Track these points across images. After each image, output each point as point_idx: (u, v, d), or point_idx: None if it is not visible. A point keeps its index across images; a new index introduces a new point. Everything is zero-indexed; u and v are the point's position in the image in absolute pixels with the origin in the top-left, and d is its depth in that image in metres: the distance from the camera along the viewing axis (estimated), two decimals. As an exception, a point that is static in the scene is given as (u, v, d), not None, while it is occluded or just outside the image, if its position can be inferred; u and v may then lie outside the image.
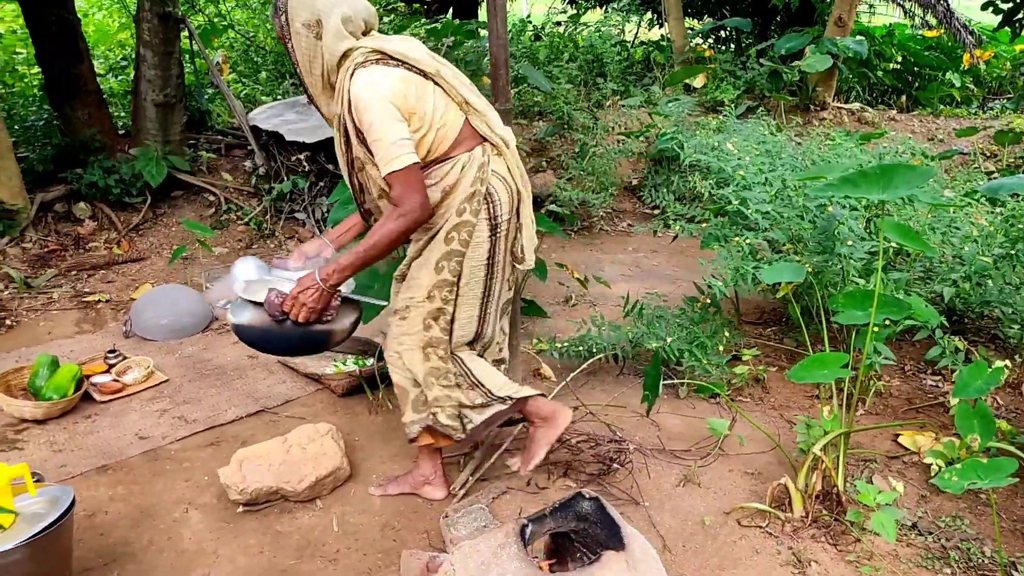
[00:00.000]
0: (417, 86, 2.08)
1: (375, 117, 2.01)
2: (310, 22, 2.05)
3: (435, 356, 2.30)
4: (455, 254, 2.21)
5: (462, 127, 2.17)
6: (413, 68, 2.09)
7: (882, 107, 8.09)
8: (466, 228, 2.19)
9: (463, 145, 2.18)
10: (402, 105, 2.04)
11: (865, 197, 2.49)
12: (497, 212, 2.23)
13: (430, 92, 2.11)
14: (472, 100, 2.18)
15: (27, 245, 4.67)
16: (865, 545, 2.32)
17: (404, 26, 8.22)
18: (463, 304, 2.28)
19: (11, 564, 1.85)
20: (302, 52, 2.09)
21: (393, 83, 2.04)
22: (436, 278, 2.22)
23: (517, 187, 2.30)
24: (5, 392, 3.05)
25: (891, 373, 3.38)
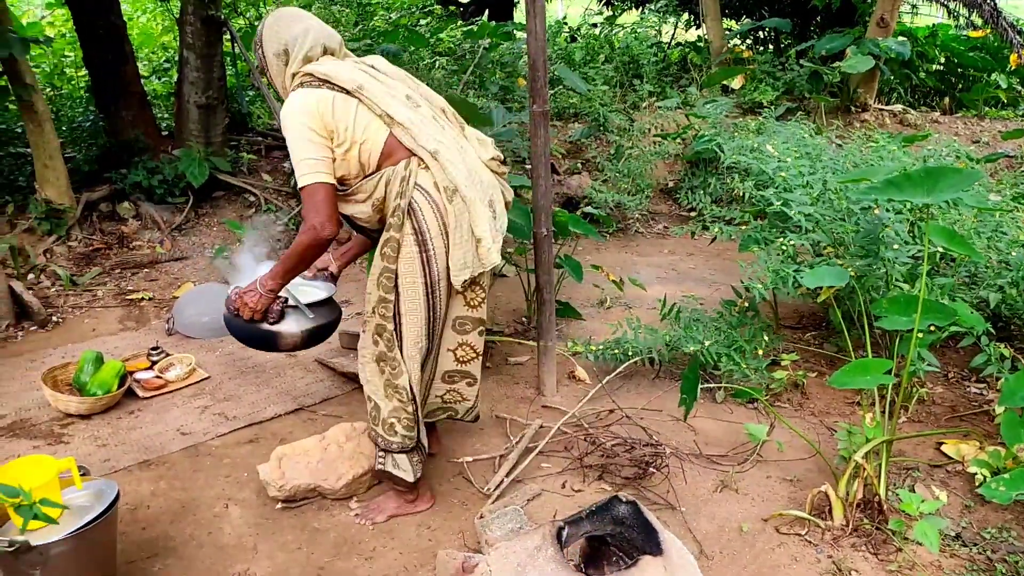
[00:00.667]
0: (338, 104, 2.16)
1: (290, 136, 2.15)
2: (279, 52, 2.25)
3: (388, 369, 2.30)
4: (387, 271, 2.22)
5: (387, 140, 2.20)
6: (336, 87, 2.17)
7: (925, 109, 7.93)
8: (390, 244, 2.21)
9: (391, 158, 2.21)
10: (318, 125, 2.13)
11: (909, 200, 2.44)
12: (423, 228, 2.19)
13: (352, 109, 2.18)
14: (394, 113, 2.18)
15: (73, 243, 4.78)
16: (907, 555, 2.27)
17: (440, 28, 8.27)
18: (407, 323, 2.25)
19: (58, 555, 1.89)
20: (276, 78, 2.30)
21: (309, 104, 2.14)
22: (378, 294, 2.25)
23: (444, 201, 2.21)
24: (52, 387, 3.13)
25: (934, 380, 3.31)
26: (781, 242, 2.96)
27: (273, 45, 2.24)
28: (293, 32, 2.23)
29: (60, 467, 2.04)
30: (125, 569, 2.25)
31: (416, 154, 2.21)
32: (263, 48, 2.27)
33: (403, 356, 2.28)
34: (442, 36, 8.12)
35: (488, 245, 2.24)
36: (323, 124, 2.14)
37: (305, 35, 2.23)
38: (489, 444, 2.91)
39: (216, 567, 2.27)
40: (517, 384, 3.37)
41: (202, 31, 5.08)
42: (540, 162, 3.00)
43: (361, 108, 2.18)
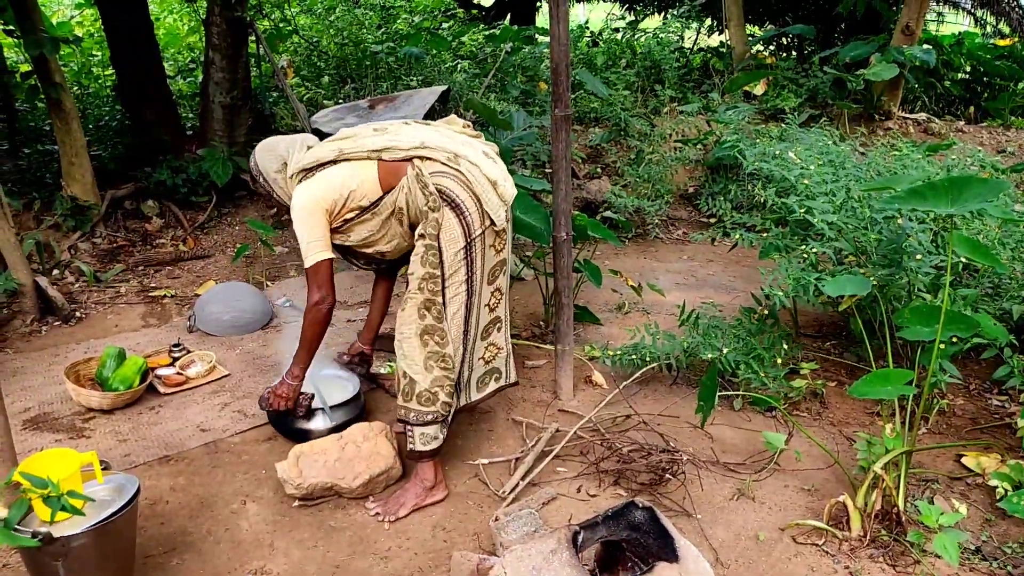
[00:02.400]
0: (328, 178, 2.54)
1: (296, 226, 2.53)
2: (279, 167, 2.67)
3: (433, 341, 2.48)
4: (431, 247, 2.45)
5: (379, 168, 2.54)
6: (323, 165, 2.56)
7: (949, 118, 7.85)
8: (432, 223, 2.45)
9: (397, 175, 2.52)
10: (320, 207, 2.52)
11: (933, 210, 2.42)
12: (452, 196, 2.47)
13: (340, 173, 2.54)
14: (374, 146, 2.54)
15: (97, 240, 4.84)
16: (925, 567, 2.25)
17: (463, 32, 8.30)
18: (450, 287, 2.49)
19: (80, 547, 1.92)
20: (282, 192, 2.70)
21: (305, 197, 2.53)
22: (422, 271, 2.46)
23: (456, 169, 2.50)
24: (74, 382, 3.17)
25: (955, 392, 3.28)
26: (803, 250, 2.95)
27: (273, 163, 2.67)
28: (283, 146, 2.68)
29: (83, 460, 2.06)
30: (143, 563, 2.27)
31: (411, 157, 2.51)
32: (262, 171, 2.69)
33: (449, 323, 2.49)
34: (464, 39, 8.16)
35: (502, 183, 2.56)
36: (326, 202, 2.52)
37: (292, 144, 2.67)
38: (505, 447, 2.91)
39: (233, 563, 2.29)
40: (534, 388, 3.37)
41: (228, 32, 5.13)
42: (561, 166, 3.00)
43: (346, 166, 2.55)
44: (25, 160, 5.10)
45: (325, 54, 7.48)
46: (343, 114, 5.70)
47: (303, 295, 3.88)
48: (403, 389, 2.52)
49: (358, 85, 6.73)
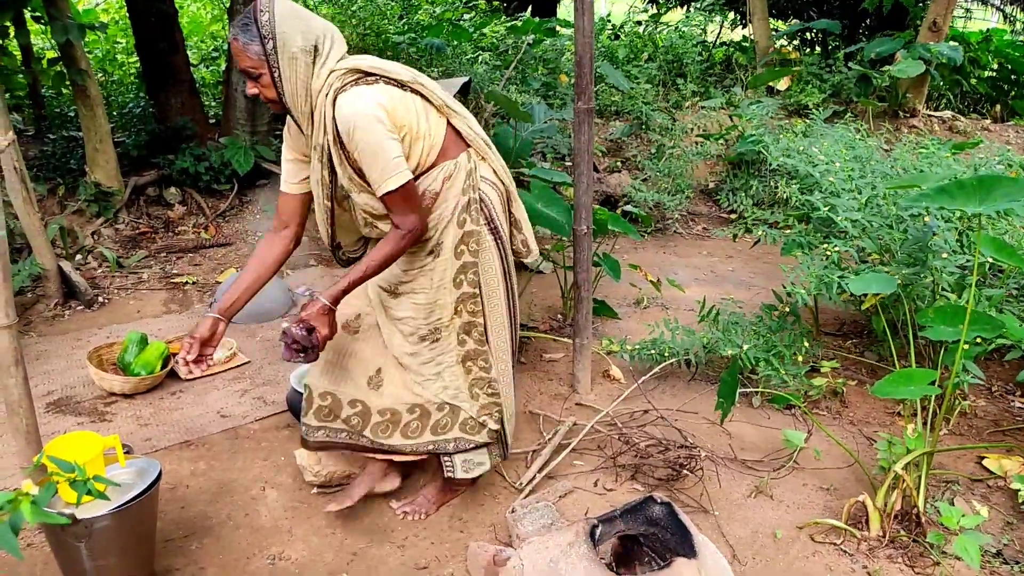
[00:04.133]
0: (399, 98, 2.04)
1: (369, 137, 1.96)
2: (307, 47, 1.97)
3: (477, 367, 2.29)
4: (469, 266, 2.19)
5: (446, 133, 2.14)
6: (392, 81, 2.04)
7: (975, 116, 7.74)
8: (473, 238, 2.18)
9: (448, 153, 2.15)
10: (392, 121, 2.00)
11: (961, 209, 2.39)
12: (493, 215, 2.22)
13: (411, 102, 2.06)
14: (451, 103, 2.15)
15: (120, 226, 4.89)
16: (945, 569, 2.23)
17: (484, 23, 8.28)
18: (491, 313, 2.28)
19: (102, 529, 1.94)
20: (297, 80, 1.98)
21: (380, 100, 1.98)
22: (457, 293, 2.21)
23: (505, 185, 2.29)
24: (97, 366, 3.20)
25: (977, 393, 3.24)
26: (826, 247, 2.92)
27: (298, 39, 1.95)
28: (318, 26, 2.00)
29: (106, 444, 2.09)
30: (163, 546, 2.30)
31: (472, 145, 2.19)
32: (278, 41, 1.93)
33: (492, 347, 2.30)
34: (485, 31, 8.14)
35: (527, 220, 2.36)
36: (395, 120, 2.01)
37: (331, 30, 2.03)
38: (522, 440, 2.91)
39: (252, 548, 2.31)
40: (551, 381, 3.37)
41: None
42: (583, 159, 2.99)
43: (419, 100, 2.09)
44: (50, 146, 5.15)
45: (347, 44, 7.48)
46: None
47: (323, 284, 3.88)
48: (439, 421, 2.30)
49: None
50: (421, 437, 2.31)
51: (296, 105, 2.01)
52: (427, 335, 2.24)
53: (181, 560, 2.27)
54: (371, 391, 2.29)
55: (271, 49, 1.93)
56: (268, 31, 1.92)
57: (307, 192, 2.23)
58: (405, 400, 2.29)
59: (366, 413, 2.30)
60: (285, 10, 1.95)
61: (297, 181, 2.23)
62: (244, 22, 1.94)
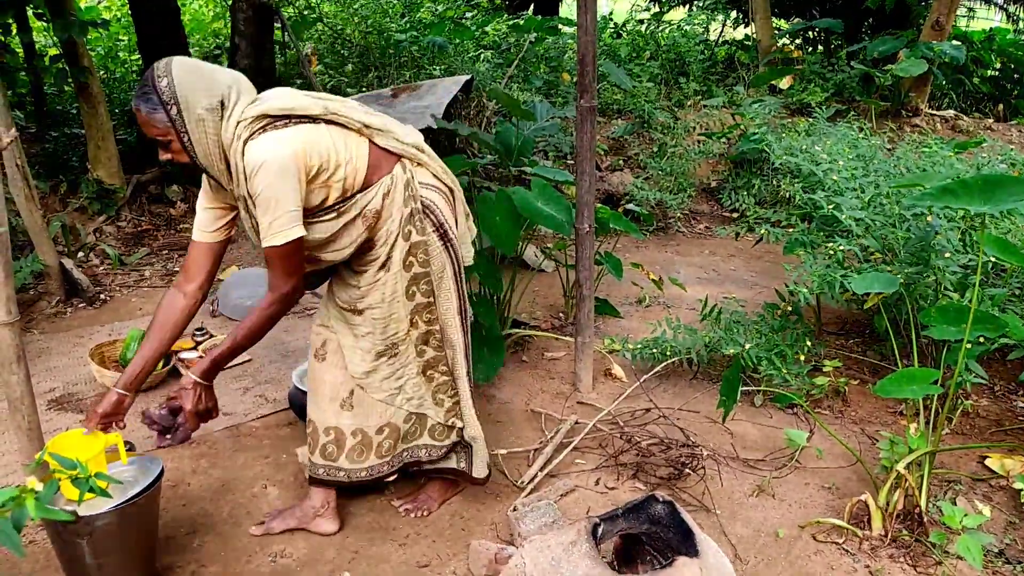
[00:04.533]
0: (312, 135, 1.96)
1: (268, 184, 1.88)
2: (213, 106, 1.89)
3: (438, 373, 2.30)
4: (421, 277, 2.17)
5: (370, 152, 2.07)
6: (303, 119, 1.97)
7: (977, 115, 7.73)
8: (420, 249, 2.15)
9: (380, 169, 2.09)
10: (299, 166, 1.92)
11: (964, 208, 2.39)
12: (440, 219, 2.18)
13: (325, 135, 1.99)
14: (370, 122, 2.07)
15: (122, 224, 4.89)
16: (947, 569, 2.23)
17: (487, 22, 8.28)
18: (446, 316, 2.27)
19: (104, 527, 1.94)
20: (207, 140, 1.91)
21: (288, 144, 1.91)
22: (411, 305, 2.19)
23: (448, 185, 2.26)
24: (99, 363, 3.20)
25: (979, 393, 3.24)
26: (830, 246, 2.92)
27: (203, 99, 1.87)
28: (222, 79, 1.93)
29: (108, 441, 2.09)
30: (165, 543, 2.30)
31: (404, 155, 2.13)
32: (187, 104, 1.86)
33: (448, 349, 2.30)
34: (487, 29, 8.14)
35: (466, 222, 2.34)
36: (305, 164, 1.93)
37: (236, 80, 1.96)
38: (524, 438, 2.91)
39: (254, 546, 2.31)
40: (553, 379, 3.37)
41: (253, 18, 5.16)
42: (585, 157, 2.99)
43: (335, 130, 2.02)
44: (52, 143, 5.16)
45: (349, 42, 7.49)
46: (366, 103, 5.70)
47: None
48: (405, 432, 2.31)
49: (381, 74, 6.73)
50: (396, 450, 2.33)
51: (212, 164, 1.97)
52: (384, 351, 2.22)
53: (183, 558, 2.27)
54: (343, 413, 2.27)
55: (175, 115, 1.87)
56: (169, 97, 1.86)
57: (221, 241, 2.18)
58: (372, 422, 2.28)
59: (340, 439, 2.28)
60: (184, 71, 1.88)
61: (212, 229, 2.16)
62: (144, 91, 1.87)
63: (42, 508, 1.11)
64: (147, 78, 1.88)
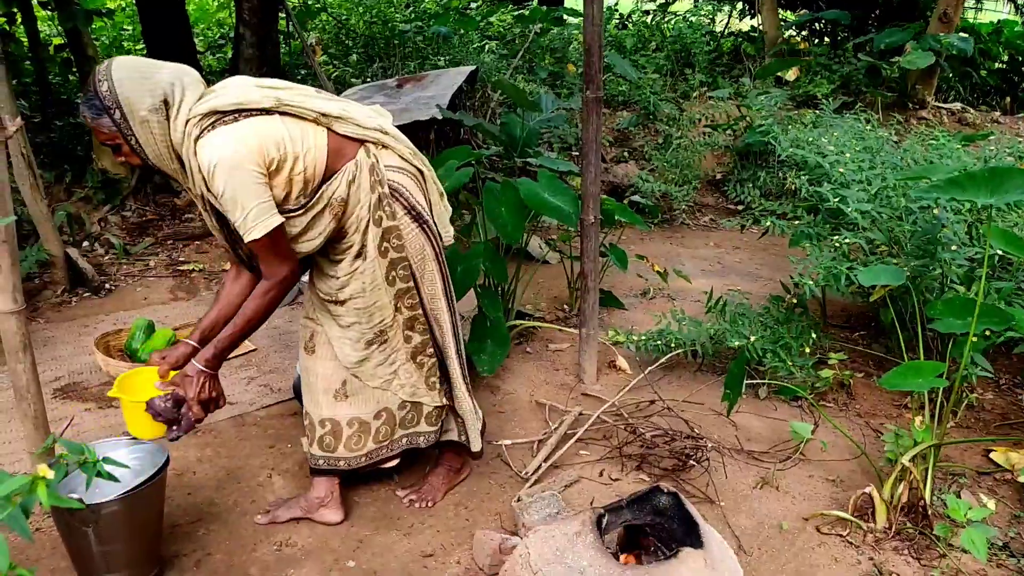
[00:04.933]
0: (265, 129, 1.91)
1: (230, 183, 1.85)
2: (156, 106, 1.85)
3: (426, 358, 2.29)
4: (398, 262, 2.15)
5: (328, 140, 2.02)
6: (254, 112, 1.91)
7: (984, 108, 7.70)
8: (393, 234, 2.12)
9: (343, 156, 2.04)
10: (258, 160, 1.88)
11: (971, 201, 2.38)
12: (412, 202, 2.15)
13: (279, 127, 1.94)
14: (327, 109, 2.01)
15: (127, 214, 4.89)
16: (951, 561, 2.23)
17: (491, 12, 8.26)
18: (432, 299, 2.26)
19: (110, 515, 1.95)
20: (155, 141, 1.88)
21: (241, 139, 1.86)
22: (393, 291, 2.17)
23: (417, 167, 2.21)
24: (104, 352, 3.21)
25: (985, 386, 3.23)
26: (836, 239, 2.91)
27: (146, 100, 1.83)
28: (164, 77, 1.87)
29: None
30: (170, 532, 2.31)
31: (366, 140, 2.08)
32: (124, 110, 1.82)
33: (435, 333, 2.30)
34: (492, 20, 8.11)
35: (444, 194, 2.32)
36: (263, 158, 1.89)
37: (179, 76, 1.90)
38: (528, 429, 2.92)
39: (259, 534, 2.32)
40: (557, 371, 3.37)
41: (259, 8, 5.14)
42: (591, 148, 2.98)
43: (288, 121, 1.96)
44: (57, 133, 5.15)
45: (353, 32, 7.47)
46: (371, 93, 5.70)
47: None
48: (401, 419, 2.33)
49: (386, 64, 6.72)
50: (393, 435, 2.34)
51: (164, 164, 1.94)
52: (374, 339, 2.21)
53: (188, 546, 2.28)
54: (338, 403, 2.27)
55: (119, 119, 1.83)
56: (112, 101, 1.81)
57: None
58: (369, 408, 2.29)
59: (337, 431, 2.28)
60: (124, 73, 1.83)
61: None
62: (88, 97, 1.84)
63: (54, 496, 1.11)
64: (89, 83, 1.85)
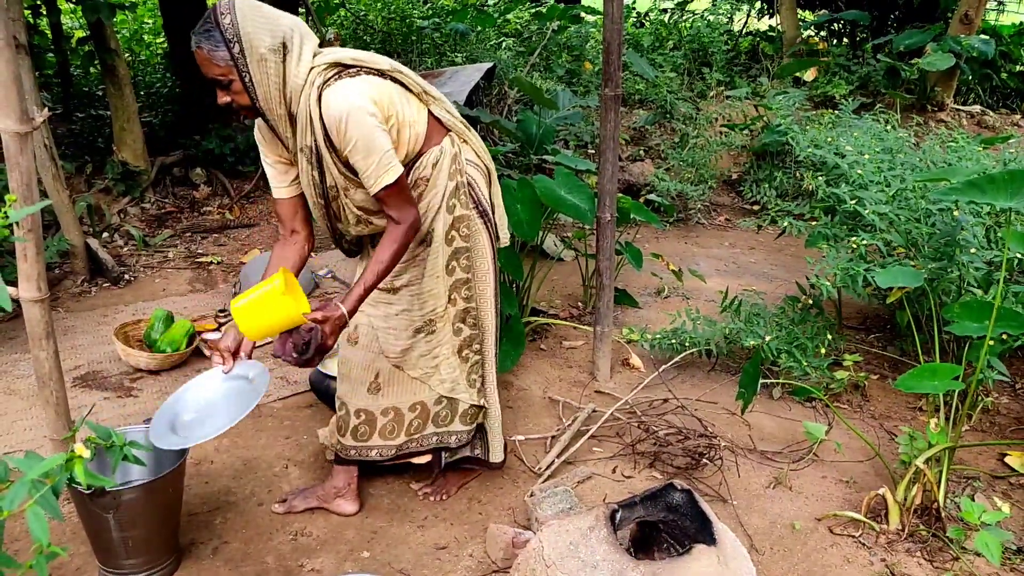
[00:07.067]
0: (383, 88, 1.97)
1: (361, 131, 1.88)
2: (275, 46, 1.86)
3: (471, 353, 2.31)
4: (461, 252, 2.19)
5: (428, 120, 2.09)
6: (373, 71, 1.97)
7: (1005, 111, 7.63)
8: (464, 223, 2.17)
9: (432, 139, 2.11)
10: (379, 112, 1.93)
11: (991, 203, 2.37)
12: (480, 197, 2.21)
13: (393, 91, 2.00)
14: (429, 89, 2.10)
15: (146, 206, 4.94)
16: (964, 564, 2.23)
17: (509, 9, 8.26)
18: (483, 295, 2.29)
19: (129, 501, 1.98)
20: (269, 82, 1.88)
21: (366, 92, 1.91)
22: (450, 280, 2.20)
23: (487, 166, 2.27)
24: (123, 342, 3.25)
25: (1001, 390, 3.22)
26: (853, 240, 2.90)
27: (265, 39, 1.84)
28: (284, 23, 1.89)
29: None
30: (188, 520, 2.34)
31: (453, 129, 2.15)
32: (244, 44, 1.82)
33: (483, 329, 2.33)
34: (510, 17, 8.11)
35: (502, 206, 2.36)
36: (383, 111, 1.95)
37: (298, 24, 1.93)
38: (541, 425, 2.93)
39: (275, 524, 2.35)
40: (571, 368, 3.38)
41: (279, 3, 5.16)
42: (609, 146, 2.99)
43: (399, 89, 2.02)
44: (78, 124, 5.21)
45: (371, 28, 7.50)
46: (389, 88, 5.70)
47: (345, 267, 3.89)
48: (435, 415, 2.33)
49: (403, 60, 6.74)
50: (424, 431, 2.35)
51: (271, 109, 1.93)
52: (422, 327, 2.23)
53: (205, 534, 2.31)
54: (371, 395, 2.29)
55: (238, 53, 1.82)
56: (232, 34, 1.81)
57: (301, 193, 2.16)
58: (405, 399, 2.30)
59: (371, 420, 2.30)
60: (247, 10, 1.83)
61: (287, 185, 2.15)
62: (206, 28, 1.83)
63: (90, 474, 1.14)
64: (209, 16, 1.84)
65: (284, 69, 1.88)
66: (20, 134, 1.73)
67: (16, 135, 1.73)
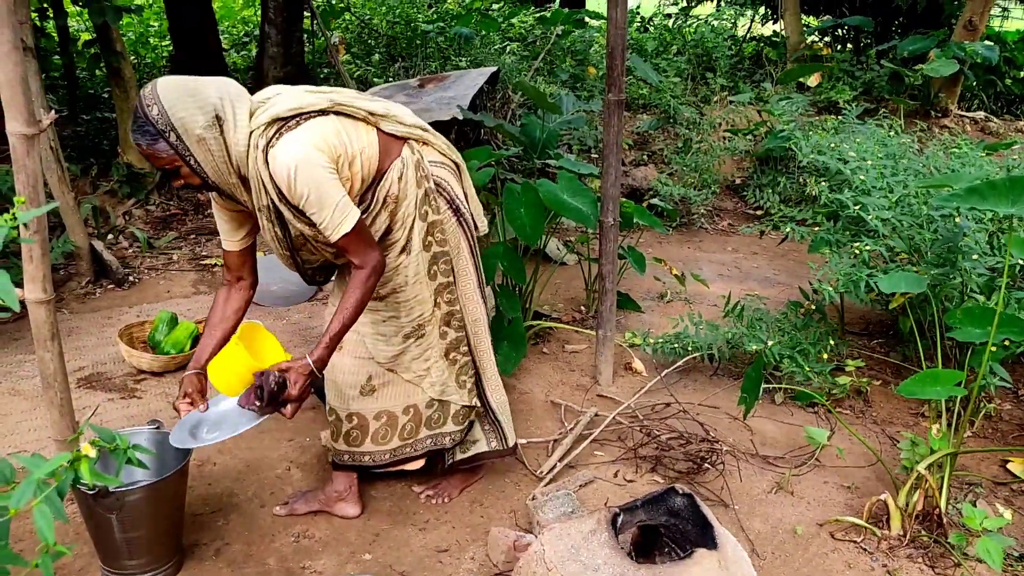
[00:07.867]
0: (326, 129, 1.95)
1: (310, 185, 1.87)
2: (209, 123, 1.84)
3: (459, 355, 2.33)
4: (440, 256, 2.21)
5: (378, 139, 2.08)
6: (312, 114, 1.95)
7: (1008, 117, 7.63)
8: (438, 228, 2.19)
9: (391, 154, 2.09)
10: (327, 155, 1.92)
11: (992, 210, 2.38)
12: (452, 196, 2.24)
13: (336, 127, 1.99)
14: (373, 108, 2.07)
15: (151, 208, 4.96)
16: (965, 571, 2.23)
17: (513, 13, 8.28)
18: (465, 295, 2.32)
19: (133, 502, 1.99)
20: (214, 158, 1.88)
21: (308, 142, 1.89)
22: (434, 285, 2.23)
23: (454, 161, 2.29)
24: (127, 344, 3.26)
25: (1003, 396, 3.22)
26: (856, 246, 2.91)
27: (199, 118, 1.82)
28: (210, 94, 1.86)
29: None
30: (191, 521, 2.35)
31: (409, 137, 2.14)
32: (179, 131, 1.81)
33: (468, 328, 2.35)
34: (514, 21, 8.13)
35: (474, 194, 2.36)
36: (331, 156, 1.94)
37: (225, 90, 1.89)
38: (543, 428, 2.94)
39: (277, 525, 2.36)
40: (573, 372, 3.39)
41: (283, 7, 5.20)
42: (612, 150, 3.00)
43: (343, 121, 2.01)
44: (84, 127, 5.23)
45: (376, 32, 7.53)
46: (393, 92, 5.73)
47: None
48: (427, 418, 2.35)
49: (408, 64, 6.76)
50: (418, 434, 2.36)
51: (224, 180, 1.94)
52: (411, 332, 2.25)
53: (208, 535, 2.31)
54: (364, 398, 2.30)
55: (176, 141, 1.82)
56: (164, 124, 1.80)
57: (251, 244, 2.20)
58: (398, 402, 2.32)
59: (363, 424, 2.31)
60: (172, 95, 1.81)
61: (239, 238, 2.17)
62: (138, 124, 1.82)
63: (95, 473, 1.14)
64: (137, 111, 1.83)
65: (224, 141, 1.88)
66: (27, 136, 1.74)
67: (23, 137, 1.74)
